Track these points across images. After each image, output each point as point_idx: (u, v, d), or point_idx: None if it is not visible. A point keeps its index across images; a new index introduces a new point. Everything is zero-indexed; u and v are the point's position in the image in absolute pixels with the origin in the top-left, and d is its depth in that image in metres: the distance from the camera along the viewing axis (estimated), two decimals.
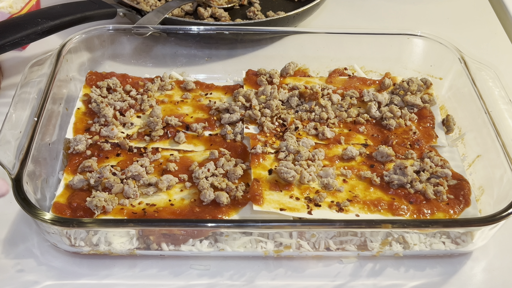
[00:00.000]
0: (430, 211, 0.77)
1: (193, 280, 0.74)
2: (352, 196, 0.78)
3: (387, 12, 1.29)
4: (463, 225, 0.73)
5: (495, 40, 1.22)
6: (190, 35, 1.01)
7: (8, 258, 0.74)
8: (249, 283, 0.74)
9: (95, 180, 0.77)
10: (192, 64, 1.06)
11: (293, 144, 0.84)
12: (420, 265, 0.77)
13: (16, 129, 0.77)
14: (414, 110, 0.94)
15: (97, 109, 0.89)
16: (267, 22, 1.08)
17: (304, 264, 0.76)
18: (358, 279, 0.75)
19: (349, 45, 1.02)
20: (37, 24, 0.89)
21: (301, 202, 0.77)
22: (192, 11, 1.14)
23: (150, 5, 1.10)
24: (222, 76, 1.03)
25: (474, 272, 0.77)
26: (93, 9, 0.98)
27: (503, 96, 0.87)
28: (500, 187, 0.78)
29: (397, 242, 0.75)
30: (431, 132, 0.91)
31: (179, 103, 0.95)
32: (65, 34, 0.95)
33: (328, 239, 0.74)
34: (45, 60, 0.88)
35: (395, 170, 0.81)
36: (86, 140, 0.83)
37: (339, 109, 0.93)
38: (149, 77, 0.99)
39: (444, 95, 0.98)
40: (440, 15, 1.29)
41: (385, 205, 0.77)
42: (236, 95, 0.95)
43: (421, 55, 1.01)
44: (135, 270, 0.74)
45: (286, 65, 1.00)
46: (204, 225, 0.70)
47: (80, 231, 0.71)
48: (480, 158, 0.85)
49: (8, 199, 0.79)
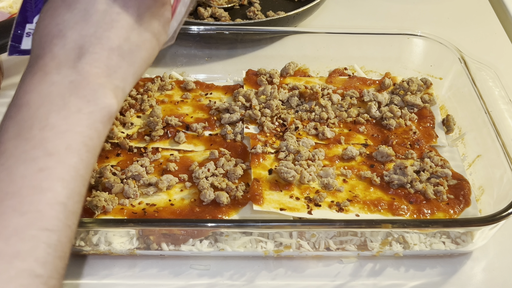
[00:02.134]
0: (430, 211, 0.77)
1: (193, 280, 0.74)
2: (352, 196, 0.78)
3: (387, 12, 1.29)
4: (463, 225, 0.73)
5: (495, 40, 1.22)
6: (190, 35, 1.01)
7: None
8: (249, 283, 0.74)
9: (95, 180, 0.77)
10: (192, 64, 1.06)
11: (293, 144, 0.84)
12: (420, 265, 0.77)
13: None
14: (414, 110, 0.94)
15: None
16: (267, 22, 1.08)
17: (304, 264, 0.76)
18: (358, 279, 0.75)
19: (349, 45, 1.02)
20: None
21: (301, 202, 0.77)
22: (192, 11, 1.14)
23: None
24: (222, 76, 1.03)
25: (474, 272, 0.77)
26: None
27: (503, 96, 0.87)
28: (500, 187, 0.78)
29: (397, 242, 0.75)
30: (431, 132, 0.91)
31: (179, 103, 0.95)
32: None
33: (328, 239, 0.74)
34: None
35: (395, 170, 0.81)
36: None
37: (339, 109, 0.93)
38: (149, 77, 0.99)
39: (444, 95, 0.98)
40: (440, 15, 1.29)
41: (385, 205, 0.77)
42: (236, 95, 0.95)
43: (421, 55, 1.01)
44: (135, 270, 0.74)
45: (286, 65, 1.00)
46: (204, 225, 0.70)
47: (80, 231, 0.71)
48: (480, 158, 0.85)
49: None
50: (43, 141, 0.42)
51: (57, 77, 0.44)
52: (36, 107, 0.43)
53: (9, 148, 0.42)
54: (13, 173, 0.41)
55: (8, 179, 0.41)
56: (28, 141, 0.42)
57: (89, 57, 0.45)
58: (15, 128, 0.43)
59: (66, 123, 0.43)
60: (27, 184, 0.41)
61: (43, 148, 0.42)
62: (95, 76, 0.45)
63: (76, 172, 0.43)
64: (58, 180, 0.42)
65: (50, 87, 0.43)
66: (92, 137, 0.44)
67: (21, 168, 0.41)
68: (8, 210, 0.40)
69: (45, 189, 0.41)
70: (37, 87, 0.44)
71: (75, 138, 0.43)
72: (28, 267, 0.40)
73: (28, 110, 0.43)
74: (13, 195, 0.41)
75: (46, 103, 0.43)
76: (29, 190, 0.41)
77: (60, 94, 0.43)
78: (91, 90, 0.44)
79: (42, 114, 0.43)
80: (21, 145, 0.42)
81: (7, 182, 0.41)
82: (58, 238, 0.42)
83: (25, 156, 0.42)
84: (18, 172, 0.41)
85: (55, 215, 0.41)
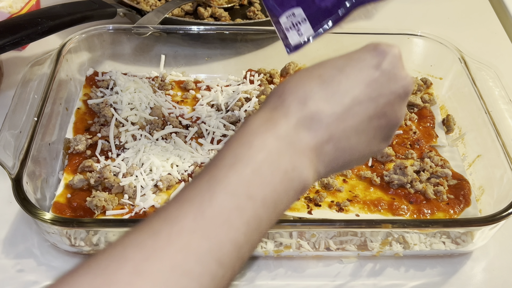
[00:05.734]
0: (430, 211, 0.77)
1: None
2: (352, 196, 0.78)
3: (387, 12, 1.29)
4: (463, 225, 0.73)
5: (495, 40, 1.22)
6: (190, 35, 1.01)
7: (8, 258, 0.74)
8: (249, 283, 0.74)
9: (95, 180, 0.77)
10: (192, 64, 1.05)
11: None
12: (420, 265, 0.77)
13: (16, 129, 0.77)
14: (414, 110, 0.94)
15: (97, 109, 0.89)
16: (267, 22, 1.08)
17: (304, 264, 0.76)
18: (358, 279, 0.75)
19: (349, 45, 1.01)
20: (37, 24, 0.89)
21: (301, 202, 0.77)
22: (192, 11, 1.14)
23: (150, 5, 1.10)
24: (222, 76, 1.03)
25: (474, 272, 0.77)
26: (93, 9, 0.98)
27: (503, 96, 0.87)
28: (500, 187, 0.78)
29: (397, 242, 0.75)
30: (431, 132, 0.91)
31: (179, 103, 0.94)
32: (65, 34, 0.95)
33: (328, 239, 0.74)
34: (45, 60, 0.88)
35: (395, 170, 0.81)
36: (86, 140, 0.83)
37: None
38: (148, 76, 0.99)
39: (444, 95, 0.98)
40: (440, 15, 1.28)
41: (385, 205, 0.77)
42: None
43: (421, 55, 1.01)
44: None
45: (286, 65, 1.00)
46: None
47: (80, 231, 0.71)
48: (480, 158, 0.85)
49: (8, 199, 0.79)
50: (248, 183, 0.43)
51: (283, 133, 0.45)
52: (256, 150, 0.44)
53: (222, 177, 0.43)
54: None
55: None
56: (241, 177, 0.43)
57: (313, 132, 0.46)
58: (231, 162, 0.43)
59: (271, 177, 0.44)
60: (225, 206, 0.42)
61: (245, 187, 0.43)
62: (309, 150, 0.46)
63: (258, 225, 0.44)
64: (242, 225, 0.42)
65: (274, 140, 0.45)
66: (282, 201, 0.45)
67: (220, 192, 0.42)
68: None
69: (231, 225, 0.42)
70: (263, 133, 0.45)
71: (268, 192, 0.43)
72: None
73: (249, 150, 0.44)
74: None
75: (265, 152, 0.44)
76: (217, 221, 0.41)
77: (278, 150, 0.44)
78: (300, 160, 0.45)
79: (258, 160, 0.43)
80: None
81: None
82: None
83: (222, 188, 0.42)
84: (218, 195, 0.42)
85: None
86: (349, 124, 0.48)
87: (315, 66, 0.50)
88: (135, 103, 0.89)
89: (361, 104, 0.48)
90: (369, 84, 0.48)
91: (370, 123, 0.49)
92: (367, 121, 0.49)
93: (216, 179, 0.42)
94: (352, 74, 0.48)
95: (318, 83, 0.48)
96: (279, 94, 0.48)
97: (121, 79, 0.93)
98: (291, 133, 0.45)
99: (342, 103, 0.47)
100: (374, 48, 0.50)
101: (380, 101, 0.49)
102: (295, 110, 0.46)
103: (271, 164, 0.44)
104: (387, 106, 0.49)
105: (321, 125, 0.46)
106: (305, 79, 0.49)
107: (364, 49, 0.50)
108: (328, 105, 0.47)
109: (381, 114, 0.49)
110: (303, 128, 0.46)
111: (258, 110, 0.48)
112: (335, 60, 0.50)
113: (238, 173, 0.42)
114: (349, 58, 0.50)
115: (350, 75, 0.48)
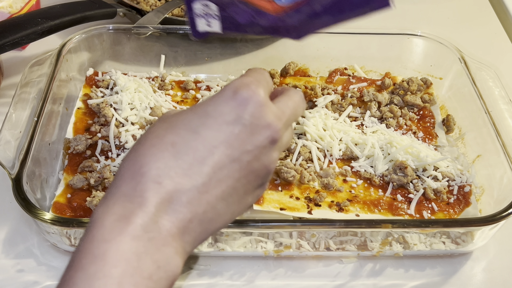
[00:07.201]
0: (430, 211, 0.77)
1: (193, 280, 0.74)
2: (352, 196, 0.78)
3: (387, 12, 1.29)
4: (463, 225, 0.73)
5: (495, 40, 1.22)
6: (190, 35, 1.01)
7: (8, 258, 0.74)
8: (249, 283, 0.74)
9: (95, 180, 0.77)
10: (192, 64, 1.05)
11: (293, 144, 0.84)
12: (420, 265, 0.77)
13: (16, 129, 0.77)
14: (414, 110, 0.94)
15: (97, 109, 0.89)
16: None
17: (304, 264, 0.76)
18: (358, 279, 0.75)
19: (349, 45, 1.02)
20: (37, 24, 0.89)
21: (301, 201, 0.77)
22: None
23: (150, 5, 1.10)
24: (222, 76, 1.03)
25: (474, 272, 0.77)
26: (93, 9, 0.98)
27: (503, 96, 0.87)
28: (500, 187, 0.78)
29: (397, 242, 0.75)
30: (431, 132, 0.91)
31: (179, 103, 0.95)
32: (65, 34, 0.95)
33: (328, 239, 0.74)
34: (45, 60, 0.88)
35: (395, 170, 0.81)
36: (86, 140, 0.83)
37: (339, 109, 0.93)
38: (148, 76, 0.99)
39: (444, 95, 0.98)
40: (440, 15, 1.29)
41: (385, 205, 0.77)
42: None
43: (421, 55, 1.01)
44: None
45: (286, 65, 1.00)
46: None
47: (80, 231, 0.71)
48: (480, 158, 0.85)
49: (8, 199, 0.79)
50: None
51: (140, 231, 0.41)
52: (111, 265, 0.40)
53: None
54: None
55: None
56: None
57: (174, 215, 0.42)
58: (85, 283, 0.39)
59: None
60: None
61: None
62: (171, 237, 0.42)
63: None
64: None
65: (131, 242, 0.40)
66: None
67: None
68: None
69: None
70: (118, 237, 0.40)
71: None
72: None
73: (104, 266, 0.39)
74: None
75: (122, 263, 0.40)
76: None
77: (137, 253, 0.40)
78: (164, 255, 0.42)
79: (116, 276, 0.39)
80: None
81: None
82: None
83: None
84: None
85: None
86: (213, 194, 0.44)
87: (168, 129, 0.45)
88: (135, 103, 0.89)
89: (223, 169, 0.44)
90: (229, 144, 0.44)
91: (237, 184, 0.45)
92: (234, 183, 0.45)
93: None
94: (209, 136, 0.44)
95: (172, 154, 0.43)
96: (131, 175, 0.43)
97: (121, 79, 0.93)
98: (149, 226, 0.41)
99: (202, 174, 0.43)
100: (233, 96, 0.45)
101: (244, 159, 0.45)
102: (151, 194, 0.42)
103: (132, 276, 0.39)
104: (254, 162, 0.45)
105: (181, 204, 0.42)
106: (156, 151, 0.43)
107: (223, 96, 0.45)
108: (186, 179, 0.43)
109: (248, 172, 0.45)
110: (163, 214, 0.42)
111: (108, 198, 0.43)
112: (189, 119, 0.45)
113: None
114: (205, 114, 0.45)
115: (207, 138, 0.44)
